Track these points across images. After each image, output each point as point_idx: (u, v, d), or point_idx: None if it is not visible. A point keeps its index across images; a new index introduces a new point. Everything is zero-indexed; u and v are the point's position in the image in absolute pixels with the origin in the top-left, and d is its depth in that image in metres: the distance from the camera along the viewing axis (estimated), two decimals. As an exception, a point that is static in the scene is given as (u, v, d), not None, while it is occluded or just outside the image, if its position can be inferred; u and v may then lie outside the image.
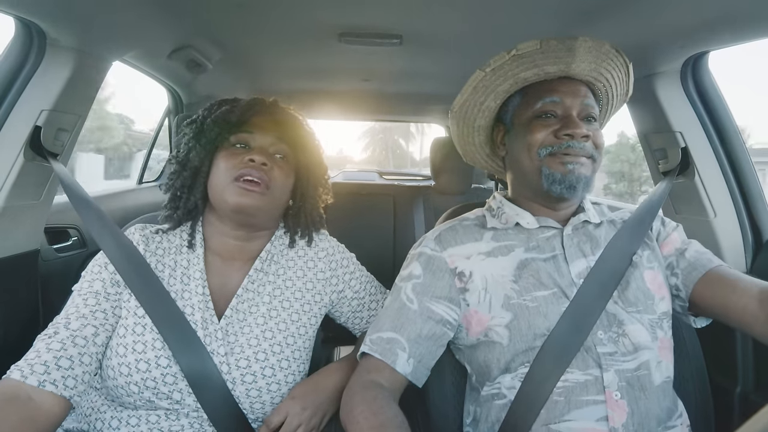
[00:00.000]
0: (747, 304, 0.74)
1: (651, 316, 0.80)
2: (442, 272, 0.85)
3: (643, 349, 0.77)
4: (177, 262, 0.86)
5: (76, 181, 0.98)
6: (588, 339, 0.76)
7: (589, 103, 0.84)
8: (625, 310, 0.80)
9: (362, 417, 0.72)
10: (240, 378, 0.79)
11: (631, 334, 0.78)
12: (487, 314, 0.81)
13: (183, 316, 0.79)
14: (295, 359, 0.85)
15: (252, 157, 0.82)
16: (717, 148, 1.15)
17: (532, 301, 0.79)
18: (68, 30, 0.97)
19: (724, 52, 1.08)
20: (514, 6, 1.09)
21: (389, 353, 0.81)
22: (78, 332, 0.74)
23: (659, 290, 0.83)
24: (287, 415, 0.79)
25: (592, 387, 0.74)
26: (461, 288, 0.84)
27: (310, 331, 0.89)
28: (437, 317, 0.83)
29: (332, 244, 0.98)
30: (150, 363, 0.76)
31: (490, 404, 0.80)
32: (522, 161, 0.85)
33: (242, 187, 0.81)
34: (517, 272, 0.82)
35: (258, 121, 0.88)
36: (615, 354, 0.76)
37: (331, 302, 0.95)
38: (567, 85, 0.84)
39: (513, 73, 0.84)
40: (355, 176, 4.93)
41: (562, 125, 0.82)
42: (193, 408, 0.77)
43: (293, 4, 1.13)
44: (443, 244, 0.88)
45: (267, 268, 0.90)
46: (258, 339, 0.83)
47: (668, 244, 0.88)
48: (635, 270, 0.83)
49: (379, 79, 1.97)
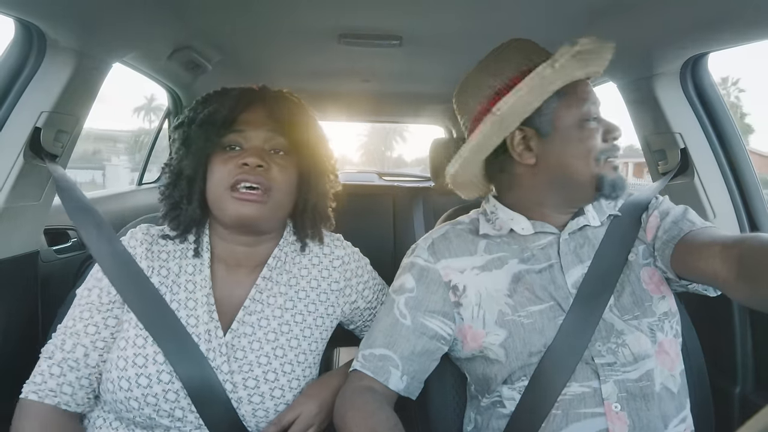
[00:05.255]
0: (714, 269, 0.67)
1: (650, 320, 0.77)
2: (436, 285, 0.82)
3: (645, 359, 0.75)
4: (182, 268, 0.81)
5: (74, 185, 0.96)
6: (586, 351, 0.74)
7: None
8: (622, 319, 0.77)
9: (353, 422, 0.71)
10: (247, 398, 0.75)
11: (631, 344, 0.75)
12: (481, 330, 0.79)
13: (184, 329, 0.75)
14: (305, 377, 0.80)
15: (245, 161, 0.75)
16: (716, 149, 1.15)
17: (527, 317, 0.77)
18: (68, 31, 0.97)
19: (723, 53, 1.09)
20: (514, 6, 1.09)
21: (381, 371, 0.79)
22: (70, 355, 0.75)
23: (658, 288, 0.80)
24: (301, 413, 0.77)
25: (591, 399, 0.73)
26: (455, 302, 0.81)
27: (320, 347, 0.85)
28: (431, 333, 0.81)
29: (348, 252, 0.92)
30: (151, 378, 0.72)
31: (491, 413, 0.79)
32: (574, 167, 0.77)
33: (240, 197, 0.75)
34: (512, 286, 0.79)
35: (248, 117, 0.79)
36: (614, 365, 0.74)
37: (343, 314, 0.89)
38: (588, 86, 0.81)
39: (568, 71, 0.75)
40: (354, 177, 4.92)
41: (605, 129, 0.79)
42: (196, 426, 0.74)
43: (293, 6, 1.13)
44: (437, 255, 0.84)
45: (277, 276, 0.84)
46: (268, 357, 0.77)
47: (649, 230, 0.83)
48: (630, 271, 0.80)
49: (379, 80, 1.97)
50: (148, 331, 0.74)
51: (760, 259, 0.59)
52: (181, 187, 0.80)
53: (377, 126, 28.92)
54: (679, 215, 0.80)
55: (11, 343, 1.05)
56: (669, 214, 0.81)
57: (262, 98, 0.82)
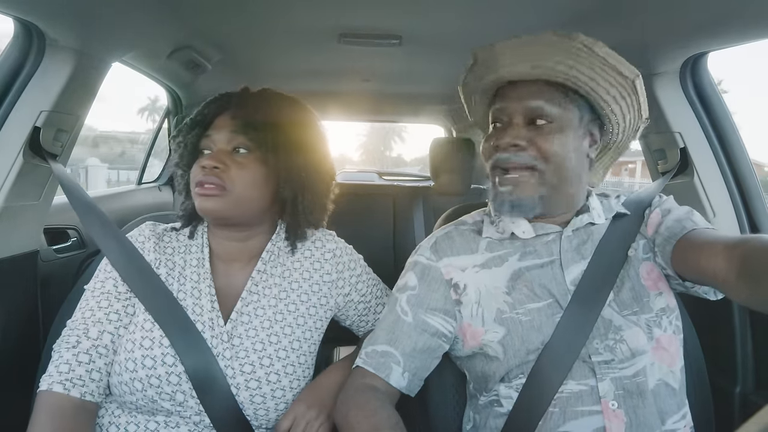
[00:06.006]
0: (715, 268, 0.65)
1: (648, 315, 0.77)
2: (438, 283, 0.83)
3: (641, 354, 0.75)
4: (186, 261, 0.86)
5: (76, 183, 0.98)
6: (583, 349, 0.74)
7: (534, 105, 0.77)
8: (621, 314, 0.77)
9: (355, 421, 0.71)
10: (244, 383, 0.78)
11: (629, 339, 0.75)
12: (480, 328, 0.79)
13: (187, 317, 0.79)
14: (300, 364, 0.83)
15: (202, 164, 0.80)
16: (716, 149, 1.15)
17: (525, 315, 0.77)
18: (68, 31, 0.97)
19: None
20: (513, 6, 1.09)
21: (383, 367, 0.80)
22: (98, 341, 0.77)
23: (655, 285, 0.79)
24: (295, 417, 0.79)
25: (588, 397, 0.73)
26: (456, 300, 0.82)
27: (315, 336, 0.88)
28: (432, 330, 0.81)
29: (339, 246, 0.95)
30: (156, 360, 0.76)
31: (489, 411, 0.79)
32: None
33: (200, 193, 0.80)
34: (511, 283, 0.80)
35: (217, 121, 0.84)
36: (612, 362, 0.74)
37: (337, 305, 0.92)
38: (517, 88, 0.80)
39: (480, 77, 0.86)
40: (354, 177, 4.93)
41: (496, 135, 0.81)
42: (196, 411, 0.76)
43: (293, 5, 1.14)
44: (439, 253, 0.86)
45: (271, 269, 0.88)
46: (263, 343, 0.81)
47: (650, 226, 0.83)
48: (629, 266, 0.80)
49: (379, 79, 1.97)
50: (156, 319, 0.78)
51: (762, 260, 0.58)
52: (182, 185, 0.88)
53: (376, 126, 28.95)
54: (683, 214, 0.80)
55: (11, 342, 1.05)
56: (672, 212, 0.81)
57: (232, 101, 0.86)
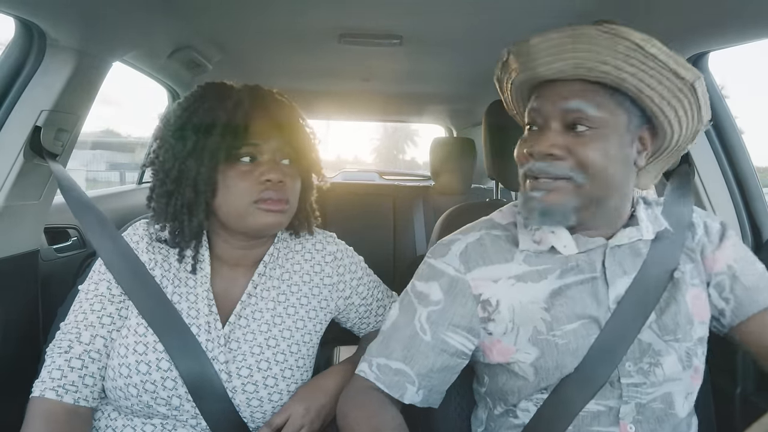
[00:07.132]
0: None
1: (688, 344, 0.72)
2: (465, 298, 0.75)
3: (670, 381, 0.71)
4: (183, 263, 0.83)
5: (75, 183, 0.97)
6: (614, 371, 0.70)
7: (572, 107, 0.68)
8: (662, 339, 0.71)
9: (356, 422, 0.69)
10: (241, 387, 0.77)
11: (665, 365, 0.70)
12: (512, 346, 0.73)
13: (182, 320, 0.77)
14: (299, 368, 0.82)
15: (268, 178, 0.76)
16: (717, 149, 1.15)
17: (562, 337, 0.71)
18: (69, 30, 0.97)
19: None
20: (514, 6, 1.09)
21: (397, 387, 0.74)
22: (91, 346, 0.76)
23: (701, 313, 0.74)
24: (290, 416, 0.78)
25: (605, 418, 0.70)
26: (484, 317, 0.75)
27: (314, 339, 0.87)
28: (452, 350, 0.75)
29: (340, 248, 0.93)
30: (150, 365, 0.74)
31: (503, 421, 0.77)
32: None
33: (267, 209, 0.77)
34: (550, 300, 0.72)
35: (258, 127, 0.78)
36: (642, 385, 0.70)
37: (337, 308, 0.91)
38: (555, 87, 0.72)
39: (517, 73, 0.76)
40: (354, 176, 4.92)
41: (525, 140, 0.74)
42: (192, 415, 0.76)
43: (293, 5, 1.14)
44: (469, 264, 0.76)
45: (271, 272, 0.86)
46: (261, 347, 0.80)
47: (718, 260, 0.76)
48: (676, 290, 0.73)
49: (380, 79, 1.97)
50: (149, 323, 0.77)
51: None
52: (186, 196, 0.77)
53: (389, 130, 28.66)
54: (760, 268, 0.76)
55: (11, 342, 1.05)
56: (746, 262, 0.76)
57: (264, 103, 0.81)
